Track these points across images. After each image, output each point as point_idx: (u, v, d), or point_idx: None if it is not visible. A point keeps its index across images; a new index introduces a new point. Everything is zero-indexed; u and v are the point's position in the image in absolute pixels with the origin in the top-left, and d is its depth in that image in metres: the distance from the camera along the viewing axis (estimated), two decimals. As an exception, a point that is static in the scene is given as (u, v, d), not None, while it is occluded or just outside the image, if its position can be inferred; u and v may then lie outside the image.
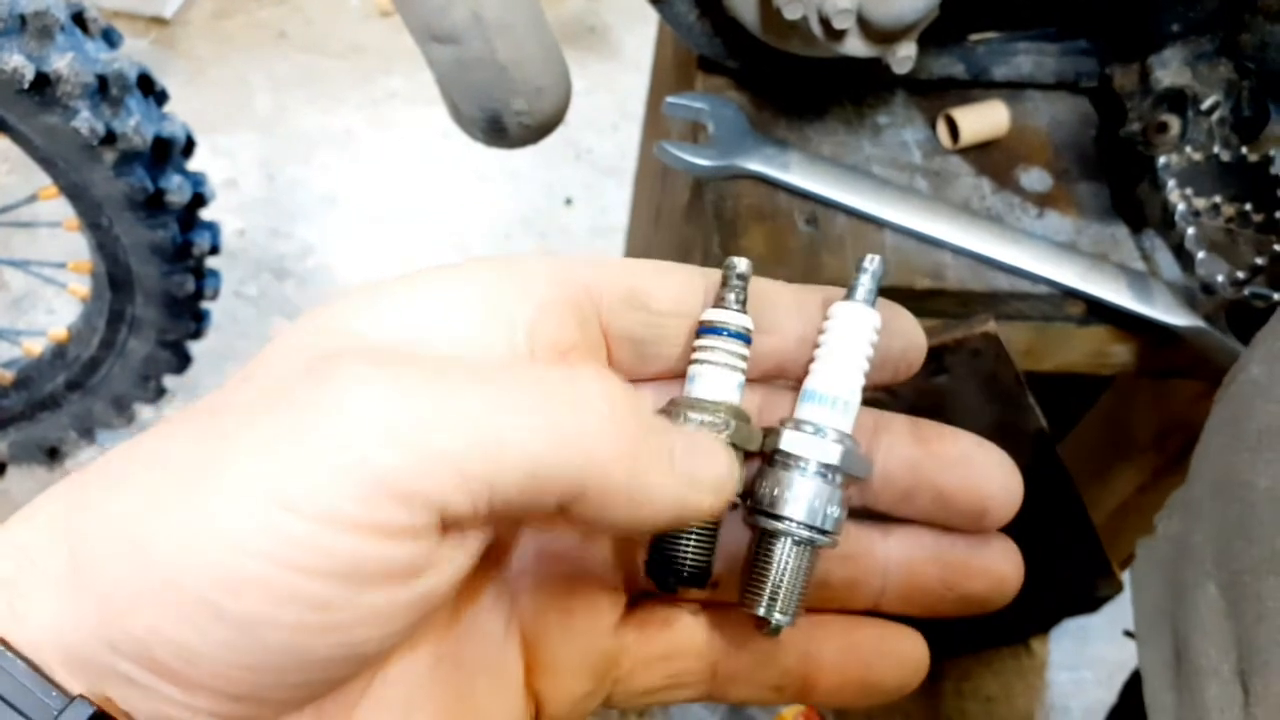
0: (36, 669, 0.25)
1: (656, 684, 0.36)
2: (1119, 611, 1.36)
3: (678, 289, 0.34)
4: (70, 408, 1.48)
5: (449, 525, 0.27)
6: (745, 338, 0.34)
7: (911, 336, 0.35)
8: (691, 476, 0.29)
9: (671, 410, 0.34)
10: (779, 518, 0.34)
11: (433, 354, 0.30)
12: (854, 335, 0.34)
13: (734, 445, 0.33)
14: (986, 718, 1.41)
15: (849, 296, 0.35)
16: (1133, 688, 0.79)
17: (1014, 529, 0.44)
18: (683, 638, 0.36)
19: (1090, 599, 1.28)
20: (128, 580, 0.25)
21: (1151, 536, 0.49)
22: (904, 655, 0.37)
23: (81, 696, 0.25)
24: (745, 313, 0.34)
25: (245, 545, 0.25)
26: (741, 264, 0.34)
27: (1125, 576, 1.19)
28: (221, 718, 0.26)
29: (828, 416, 0.34)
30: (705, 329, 0.34)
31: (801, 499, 0.33)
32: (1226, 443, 0.48)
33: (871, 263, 0.35)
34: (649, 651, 0.36)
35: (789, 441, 0.34)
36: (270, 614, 0.25)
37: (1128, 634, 0.82)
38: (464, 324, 0.30)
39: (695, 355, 0.34)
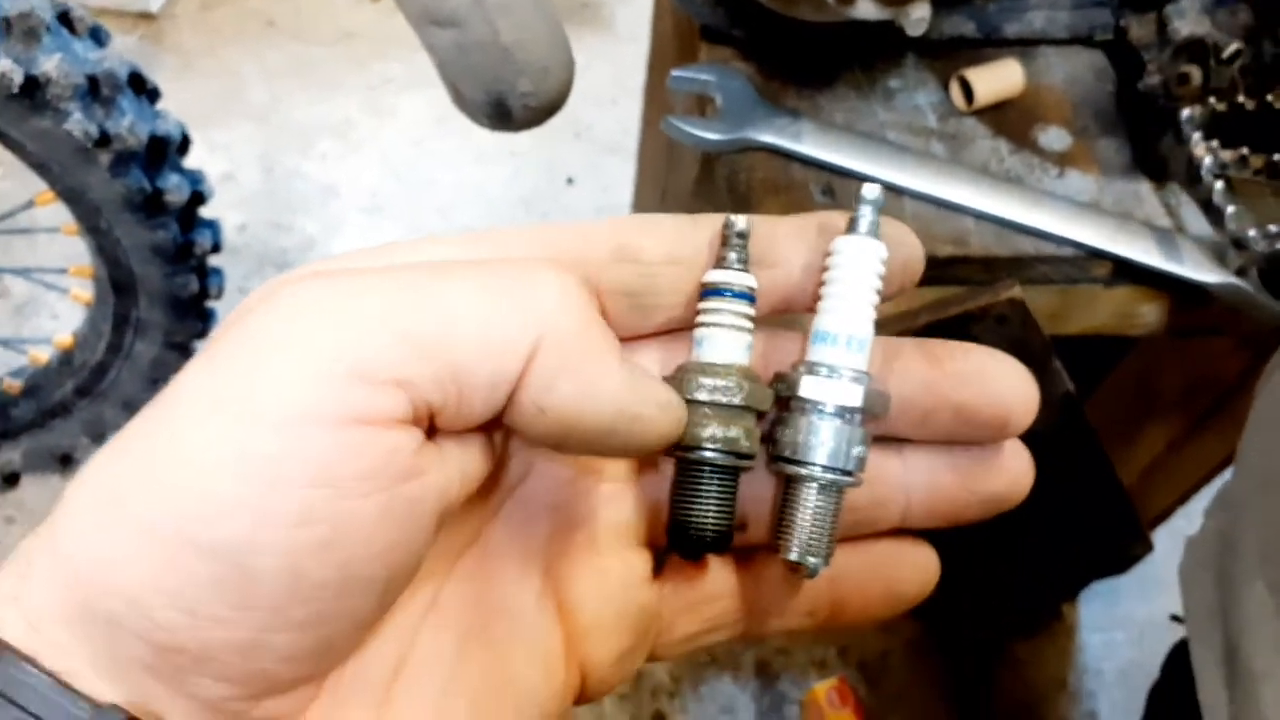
0: (61, 682, 0.24)
1: (695, 630, 0.37)
2: (1149, 570, 1.36)
3: (669, 238, 0.34)
4: (81, 414, 1.47)
5: (423, 418, 0.26)
6: (750, 297, 0.33)
7: (910, 247, 0.35)
8: (637, 384, 0.29)
9: (680, 375, 0.33)
10: (803, 463, 0.33)
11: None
12: (861, 269, 0.33)
13: (747, 407, 0.33)
14: (1019, 683, 1.41)
15: (851, 229, 0.34)
16: (1174, 662, 0.78)
17: (1044, 492, 0.42)
18: (716, 581, 0.37)
19: (1121, 560, 1.27)
20: (109, 536, 0.24)
21: (1200, 531, 0.48)
22: (919, 563, 0.38)
23: (111, 705, 0.24)
24: (748, 271, 0.33)
25: (212, 468, 0.24)
26: (740, 221, 0.33)
27: (1155, 536, 1.18)
28: (236, 683, 0.25)
29: (842, 356, 0.33)
30: (708, 291, 0.33)
31: (824, 443, 0.33)
32: (1272, 438, 0.47)
33: (871, 192, 0.34)
34: (685, 599, 0.36)
35: (806, 386, 0.33)
36: (252, 538, 0.24)
37: (1175, 618, 0.81)
38: None
39: (700, 318, 0.34)
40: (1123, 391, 1.11)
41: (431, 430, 0.27)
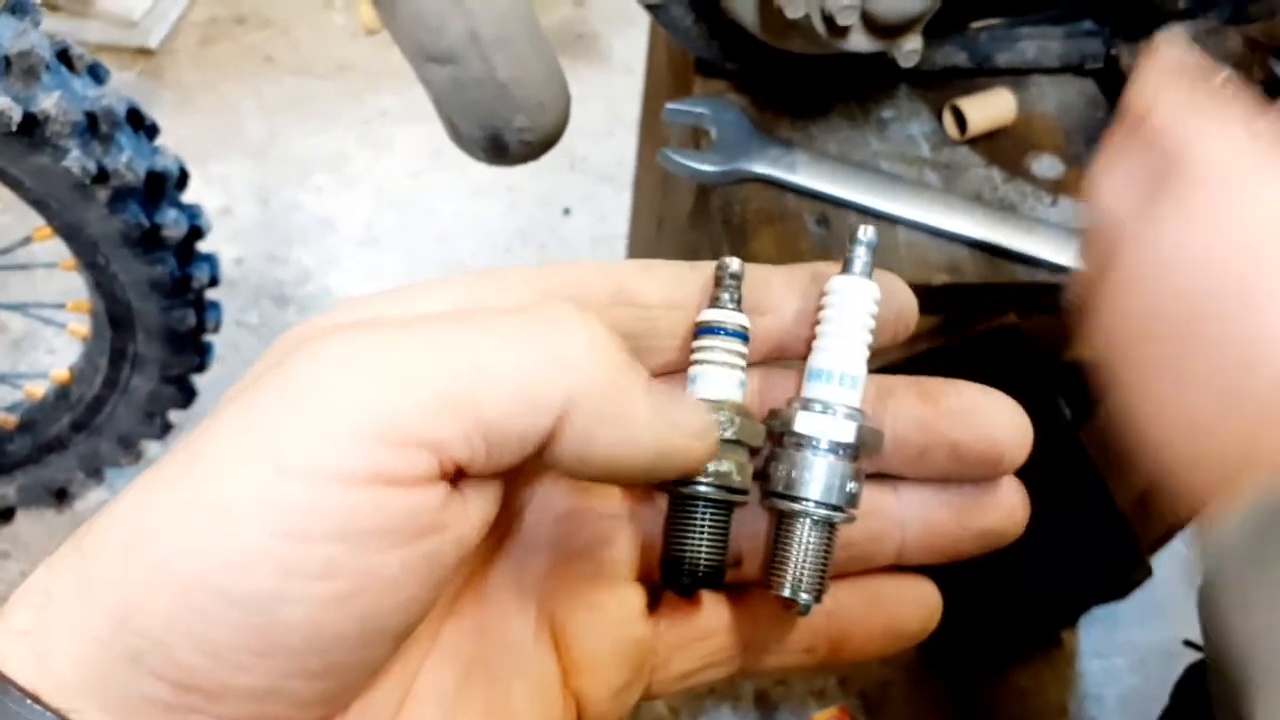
0: (61, 715, 0.24)
1: (692, 667, 0.36)
2: (1149, 596, 1.35)
3: (667, 283, 0.34)
4: (77, 448, 1.46)
5: (450, 473, 0.26)
6: (743, 335, 0.34)
7: (903, 299, 0.35)
8: (672, 418, 0.29)
9: None
10: (796, 498, 0.34)
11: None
12: (855, 309, 0.34)
13: (740, 442, 0.33)
14: (1020, 711, 1.40)
15: (846, 270, 0.34)
16: (1184, 689, 0.77)
17: (1043, 520, 0.42)
18: (711, 617, 0.36)
19: (1121, 584, 1.27)
20: (135, 576, 0.25)
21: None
22: (921, 599, 0.38)
23: None
24: (741, 311, 0.34)
25: (243, 518, 0.24)
26: (734, 263, 0.34)
27: (1155, 561, 1.18)
28: None
29: (836, 393, 0.34)
30: (702, 329, 0.34)
31: (817, 479, 0.34)
32: None
33: (865, 234, 0.34)
34: (680, 635, 0.36)
35: (801, 422, 0.34)
36: (279, 588, 0.24)
37: (1189, 644, 0.81)
38: None
39: (694, 356, 0.34)
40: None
41: (457, 476, 0.27)
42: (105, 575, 0.25)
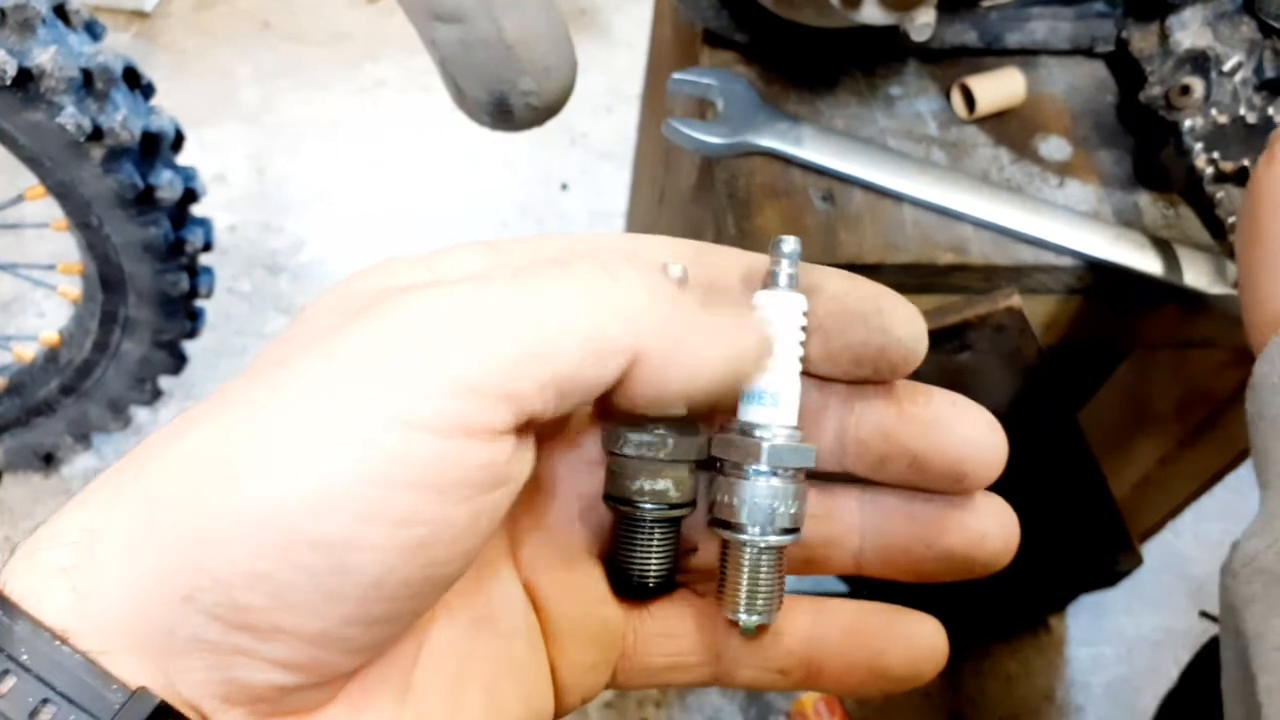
0: (94, 663, 0.24)
1: (660, 663, 0.36)
2: (1138, 584, 1.35)
3: (668, 256, 0.34)
4: (65, 412, 1.45)
5: (522, 426, 0.27)
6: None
7: (894, 334, 0.32)
8: (733, 344, 0.30)
9: (610, 430, 0.33)
10: (736, 526, 0.33)
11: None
12: (781, 324, 0.33)
13: (675, 460, 0.33)
14: (1007, 696, 1.40)
15: (770, 284, 0.33)
16: (1193, 671, 0.77)
17: (1034, 504, 0.41)
18: (681, 616, 0.36)
19: (1110, 573, 1.27)
20: (208, 512, 0.25)
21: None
22: (915, 641, 0.35)
23: (143, 689, 0.25)
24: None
25: (335, 459, 0.24)
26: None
27: (1145, 550, 1.18)
28: (294, 669, 0.26)
29: (768, 414, 0.33)
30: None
31: (754, 504, 0.33)
32: None
33: (787, 244, 0.33)
34: (649, 627, 0.36)
35: (728, 449, 0.33)
36: (358, 534, 0.25)
37: (1205, 615, 0.80)
38: None
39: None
40: (1116, 403, 1.11)
41: (522, 428, 0.28)
42: (174, 508, 0.25)
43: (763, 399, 0.33)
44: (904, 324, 0.32)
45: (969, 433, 0.33)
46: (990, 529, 0.34)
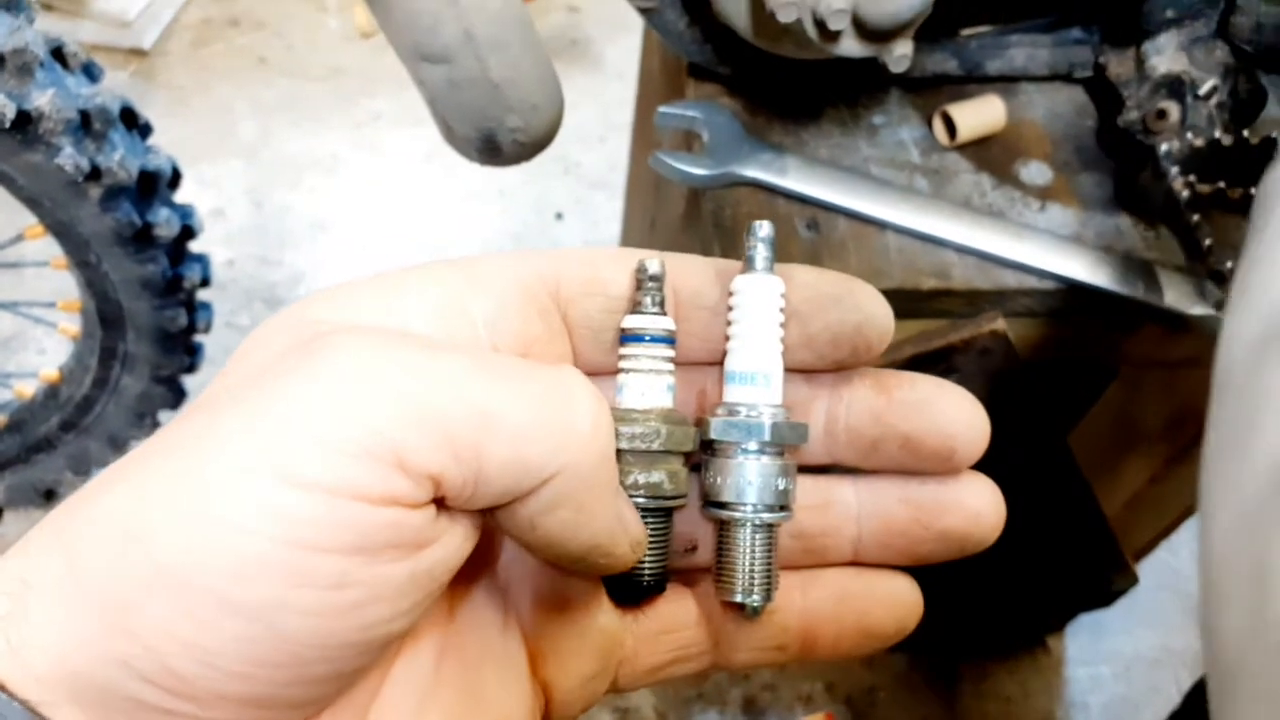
0: (35, 712, 0.24)
1: (661, 660, 0.36)
2: (1134, 604, 1.35)
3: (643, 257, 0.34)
4: (65, 448, 1.46)
5: (441, 500, 0.27)
6: (668, 340, 0.34)
7: (866, 310, 0.34)
8: (620, 527, 0.30)
9: None
10: (730, 506, 0.34)
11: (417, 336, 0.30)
12: (762, 306, 0.34)
13: (669, 451, 0.33)
14: (1006, 717, 1.40)
15: (748, 268, 0.34)
16: (1198, 692, 0.77)
17: (1026, 525, 0.42)
18: (680, 609, 0.36)
19: (1105, 593, 1.27)
20: (129, 577, 0.24)
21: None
22: (896, 598, 0.37)
23: None
24: (664, 314, 0.34)
25: (250, 527, 0.24)
26: (654, 264, 0.34)
27: (1140, 569, 1.18)
28: None
29: (754, 394, 0.34)
30: (626, 337, 0.34)
31: (746, 482, 0.34)
32: None
33: (761, 229, 0.35)
34: (649, 627, 0.36)
35: (720, 429, 0.34)
36: (285, 598, 0.24)
37: None
38: (425, 321, 0.31)
39: (620, 363, 0.34)
40: (1105, 424, 1.12)
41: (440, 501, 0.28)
42: (96, 571, 0.24)
43: (752, 379, 0.34)
44: (875, 302, 0.34)
45: (956, 412, 0.34)
46: (984, 507, 0.36)
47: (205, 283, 1.31)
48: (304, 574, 0.24)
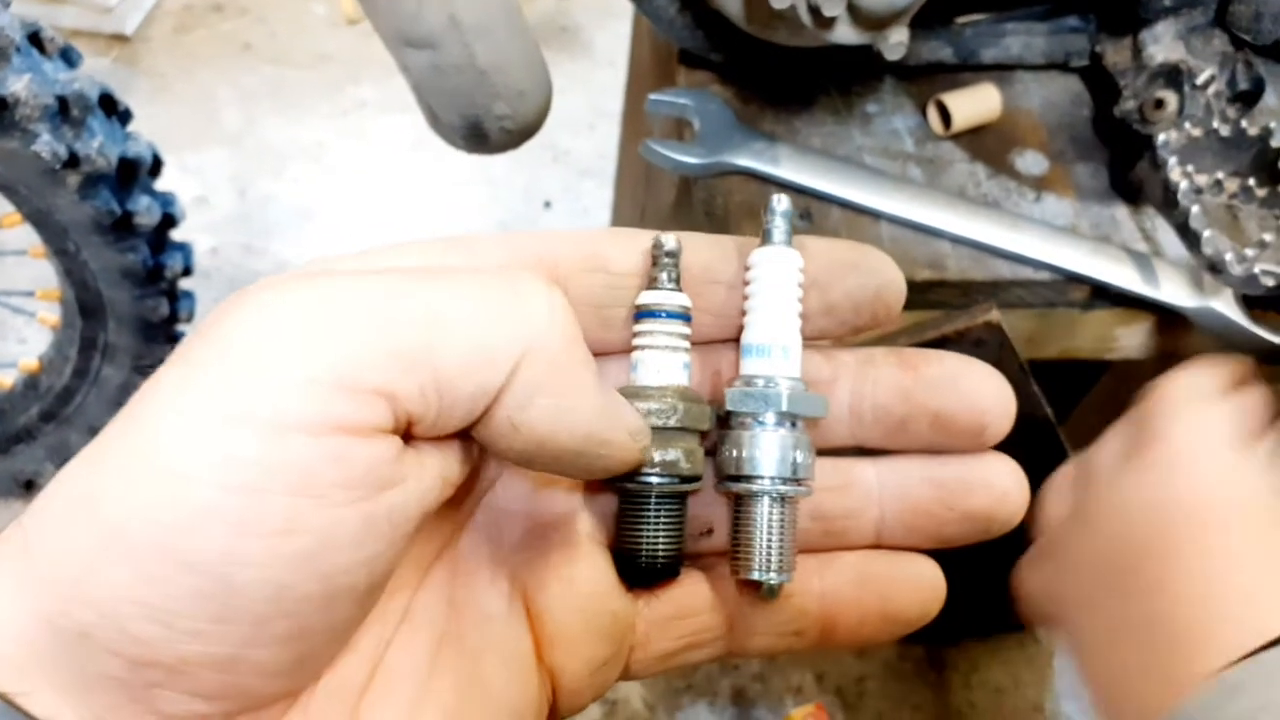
0: (13, 704, 0.23)
1: (674, 646, 0.35)
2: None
3: (636, 252, 0.34)
4: (45, 439, 1.44)
5: (402, 427, 0.26)
6: (684, 316, 0.33)
7: (884, 274, 0.34)
8: (614, 409, 0.29)
9: None
10: (747, 479, 0.33)
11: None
12: (780, 279, 0.33)
13: (685, 428, 0.33)
14: (996, 709, 1.40)
15: (766, 241, 0.34)
16: None
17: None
18: (694, 593, 0.35)
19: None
20: (81, 543, 0.23)
21: None
22: (920, 580, 0.36)
23: None
24: (680, 290, 0.33)
25: (196, 475, 0.23)
26: (670, 240, 0.33)
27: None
28: (214, 698, 0.25)
29: (772, 366, 0.33)
30: (641, 313, 0.33)
31: (764, 455, 0.33)
32: None
33: (780, 203, 0.34)
34: (661, 611, 0.35)
35: (737, 401, 0.33)
36: (233, 548, 0.23)
37: None
38: None
39: (635, 340, 0.34)
40: (1099, 416, 1.11)
41: (409, 436, 0.27)
42: (48, 546, 0.24)
43: (769, 351, 0.33)
44: (889, 267, 0.34)
45: (985, 386, 0.34)
46: (1011, 486, 0.35)
47: (187, 271, 1.30)
48: (249, 521, 0.23)
